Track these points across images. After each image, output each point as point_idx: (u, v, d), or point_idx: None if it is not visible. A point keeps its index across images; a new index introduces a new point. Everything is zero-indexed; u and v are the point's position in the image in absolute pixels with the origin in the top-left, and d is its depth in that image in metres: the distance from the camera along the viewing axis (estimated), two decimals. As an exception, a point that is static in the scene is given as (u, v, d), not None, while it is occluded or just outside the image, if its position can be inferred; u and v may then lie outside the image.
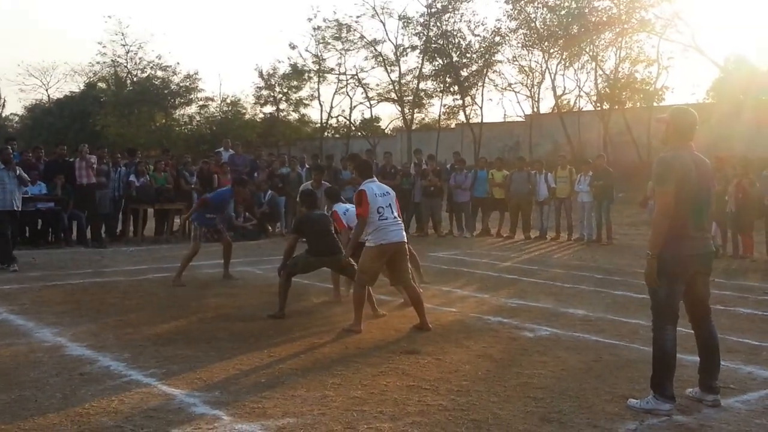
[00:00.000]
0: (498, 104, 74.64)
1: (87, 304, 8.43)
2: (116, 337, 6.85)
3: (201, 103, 40.83)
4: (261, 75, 38.99)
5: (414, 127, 37.54)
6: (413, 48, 35.46)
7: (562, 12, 30.72)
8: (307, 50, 37.46)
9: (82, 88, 44.75)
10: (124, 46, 38.12)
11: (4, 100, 51.95)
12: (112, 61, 39.31)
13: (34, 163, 14.91)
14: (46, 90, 51.85)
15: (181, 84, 39.82)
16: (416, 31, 34.92)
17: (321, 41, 36.67)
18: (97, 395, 5.12)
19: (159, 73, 39.58)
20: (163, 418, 4.70)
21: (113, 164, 15.91)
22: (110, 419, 4.66)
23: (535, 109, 36.44)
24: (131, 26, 42.55)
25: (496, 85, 35.89)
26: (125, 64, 39.83)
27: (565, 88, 37.10)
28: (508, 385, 5.44)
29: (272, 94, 39.49)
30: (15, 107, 70.51)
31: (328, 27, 36.02)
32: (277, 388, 5.36)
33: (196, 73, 39.40)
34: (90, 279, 10.36)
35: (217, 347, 6.51)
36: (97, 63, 40.09)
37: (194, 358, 6.13)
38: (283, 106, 39.82)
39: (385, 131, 40.83)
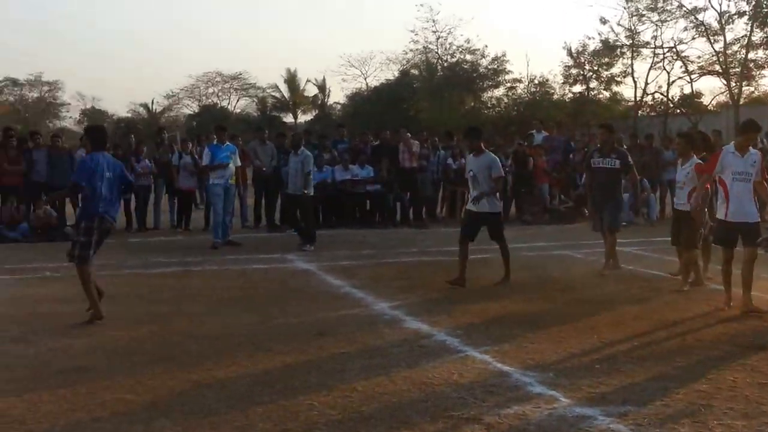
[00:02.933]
0: None
1: (417, 281, 8.93)
2: (448, 313, 7.16)
3: (509, 84, 41.03)
4: (570, 53, 38.09)
5: (742, 101, 34.19)
6: (740, 14, 32.22)
7: None
8: (619, 24, 35.78)
9: (396, 75, 47.38)
10: (434, 32, 39.50)
11: (329, 90, 56.78)
12: (423, 47, 40.94)
13: (361, 148, 16.17)
14: (365, 79, 55.65)
15: (489, 67, 40.34)
16: (745, -6, 31.69)
17: (634, 13, 34.80)
18: (437, 367, 5.41)
19: (468, 57, 40.46)
20: (502, 394, 4.82)
21: (432, 148, 16.64)
22: (452, 390, 4.89)
23: None
24: (441, 12, 43.75)
25: None
26: (436, 50, 41.28)
27: None
28: None
29: (582, 72, 38.41)
30: (338, 96, 77.05)
31: (643, -3, 34.04)
32: (614, 374, 5.22)
33: (504, 55, 39.55)
34: (417, 258, 10.97)
35: (545, 328, 6.52)
36: (410, 51, 42.00)
37: (524, 338, 6.20)
38: (593, 84, 38.54)
39: (708, 107, 37.75)
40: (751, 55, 32.80)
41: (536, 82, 40.61)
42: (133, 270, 9.78)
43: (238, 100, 58.54)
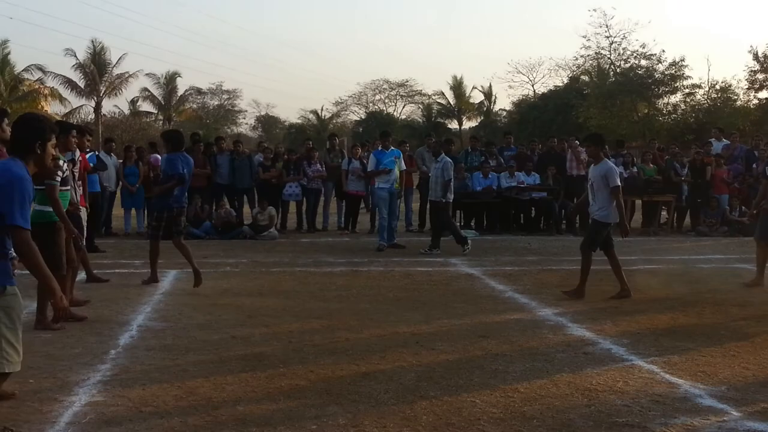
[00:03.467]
0: None
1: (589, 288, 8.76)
2: (614, 322, 7.03)
3: (687, 90, 39.07)
4: (756, 57, 35.76)
5: None
6: None
7: None
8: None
9: (565, 81, 46.52)
10: (608, 38, 38.37)
11: (495, 97, 56.69)
12: (595, 53, 39.86)
13: (528, 155, 16.09)
14: (532, 85, 55.12)
15: (665, 72, 38.59)
16: None
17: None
18: (602, 374, 5.35)
19: (643, 62, 38.95)
20: (669, 404, 4.71)
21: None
22: (617, 398, 4.83)
23: None
24: (615, 17, 42.40)
25: None
26: (608, 56, 40.05)
27: None
28: None
29: (768, 76, 35.95)
30: (503, 103, 76.73)
31: None
32: (792, 392, 4.95)
33: (683, 60, 37.68)
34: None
35: (718, 343, 6.26)
36: (581, 56, 41.04)
37: (695, 351, 5.99)
38: (781, 89, 35.99)
39: None
40: None
41: (717, 87, 38.47)
42: (304, 268, 10.32)
43: (404, 107, 59.82)
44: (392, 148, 12.95)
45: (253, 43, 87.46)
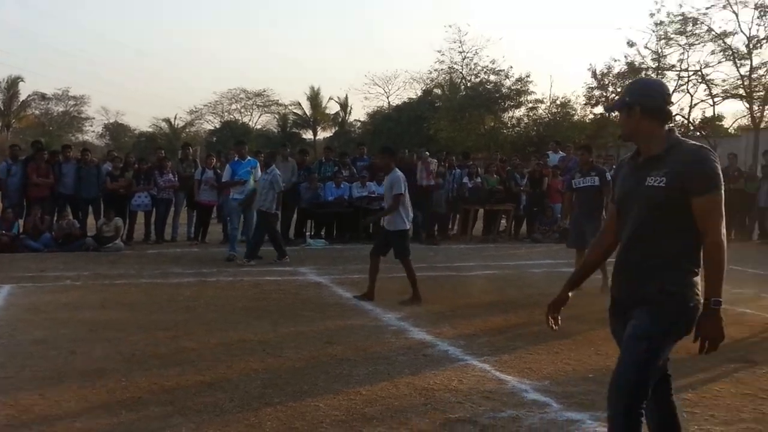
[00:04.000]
0: None
1: (424, 294, 9.14)
2: (451, 325, 7.43)
3: (530, 105, 41.21)
4: (594, 75, 38.28)
5: (763, 125, 34.20)
6: (769, 39, 32.29)
7: None
8: (646, 47, 35.94)
9: (419, 94, 47.85)
10: (461, 53, 39.83)
11: (351, 108, 57.40)
12: (448, 67, 41.28)
13: (380, 166, 16.50)
14: (387, 97, 56.23)
15: (512, 87, 40.51)
16: (775, 19, 31.74)
17: (662, 37, 34.96)
18: (439, 374, 5.68)
19: (492, 78, 40.69)
20: (498, 399, 5.08)
21: (448, 167, 16.95)
22: (452, 396, 5.16)
23: None
24: (469, 33, 44.10)
25: None
26: (460, 70, 41.57)
27: None
28: None
29: (604, 94, 38.58)
30: (359, 114, 77.83)
31: (672, 22, 34.15)
32: (605, 383, 5.42)
33: (528, 76, 39.71)
34: (425, 273, 11.16)
35: (544, 342, 6.76)
36: (435, 70, 42.40)
37: (523, 350, 6.46)
38: (614, 106, 38.73)
39: (729, 130, 37.77)
40: (777, 79, 32.85)
41: (558, 102, 40.81)
42: (150, 280, 10.13)
43: (260, 117, 59.33)
44: (249, 158, 12.95)
45: (104, 49, 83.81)
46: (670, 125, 3.36)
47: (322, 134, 56.49)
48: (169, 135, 53.90)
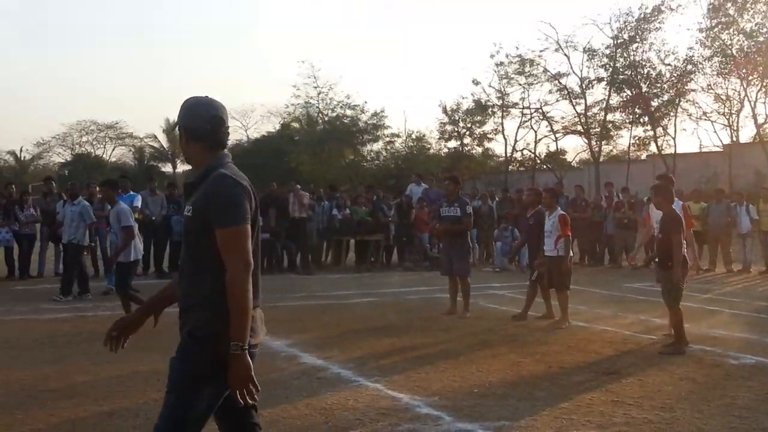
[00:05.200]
0: (693, 134, 70.41)
1: (309, 322, 9.45)
2: (341, 349, 7.72)
3: (387, 139, 42.35)
4: (445, 111, 40.02)
5: (602, 159, 37.00)
6: (599, 80, 35.13)
7: (761, 38, 29.33)
8: (490, 86, 38.02)
9: (277, 128, 48.04)
10: (315, 87, 40.34)
11: (210, 142, 56.69)
12: (305, 102, 41.66)
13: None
14: (245, 131, 56.05)
15: (368, 122, 41.50)
16: (602, 63, 34.59)
17: (504, 76, 37.15)
18: (334, 395, 5.96)
19: (348, 112, 41.52)
20: (393, 415, 5.42)
21: (317, 199, 17.30)
22: (350, 414, 5.45)
23: (734, 138, 34.65)
24: (322, 69, 44.74)
25: (690, 115, 34.59)
26: (317, 105, 42.02)
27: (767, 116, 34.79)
28: (711, 405, 5.67)
29: (456, 129, 40.37)
30: (218, 148, 76.99)
31: (511, 62, 36.44)
32: (490, 397, 5.93)
33: (383, 111, 40.88)
34: (306, 302, 11.47)
35: (430, 362, 7.19)
36: (292, 104, 42.67)
37: (411, 370, 6.85)
38: (467, 140, 40.60)
39: (572, 164, 40.51)
40: (609, 117, 35.74)
41: (413, 137, 42.25)
42: (23, 316, 9.78)
43: (113, 149, 57.42)
44: (131, 192, 12.79)
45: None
46: (224, 152, 3.13)
47: (182, 167, 55.33)
48: (16, 168, 51.14)
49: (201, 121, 3.08)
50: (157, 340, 8.00)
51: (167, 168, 55.06)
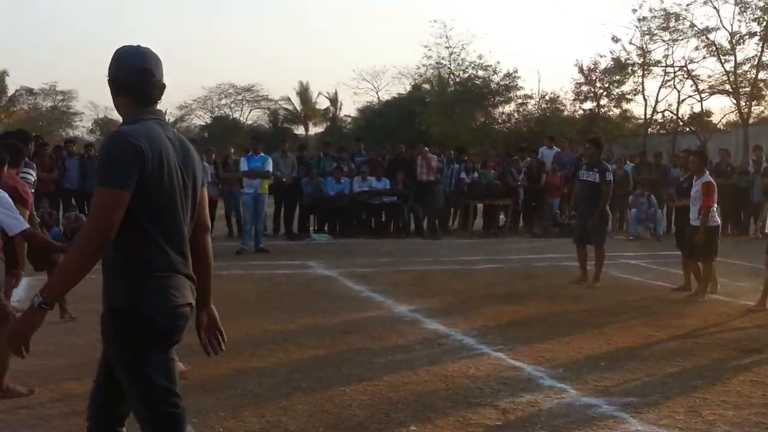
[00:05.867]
0: None
1: (433, 287, 9.43)
2: (464, 317, 7.66)
3: (520, 101, 41.43)
4: (581, 70, 38.58)
5: (751, 121, 34.63)
6: (752, 35, 32.71)
7: None
8: (631, 43, 36.28)
9: (408, 89, 47.97)
10: (447, 48, 39.90)
11: (341, 103, 57.53)
12: (436, 63, 41.33)
13: (379, 161, 16.74)
14: (377, 92, 56.35)
15: (500, 83, 40.72)
16: (755, 16, 32.19)
17: (646, 32, 35.30)
18: (455, 362, 5.91)
19: (480, 73, 40.88)
20: (515, 385, 5.32)
21: (446, 161, 17.18)
22: (470, 382, 5.39)
23: None
24: (455, 29, 44.17)
25: None
26: (448, 66, 41.65)
27: None
28: None
29: (593, 89, 38.89)
30: (349, 109, 78.09)
31: (655, 17, 34.51)
32: (617, 370, 5.71)
33: (516, 71, 39.95)
34: (431, 266, 11.47)
35: (556, 332, 7.00)
36: (423, 65, 42.45)
37: (536, 339, 6.69)
38: (604, 101, 39.02)
39: (718, 126, 38.20)
40: (762, 75, 33.28)
41: (547, 98, 41.05)
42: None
43: (250, 112, 59.31)
44: (261, 153, 13.21)
45: (90, 43, 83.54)
46: (151, 108, 2.84)
47: (314, 129, 56.60)
48: (161, 130, 53.81)
49: (126, 74, 2.79)
50: (283, 302, 8.31)
51: (300, 130, 56.39)
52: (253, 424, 4.50)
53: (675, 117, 37.42)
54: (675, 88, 36.39)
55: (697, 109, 37.29)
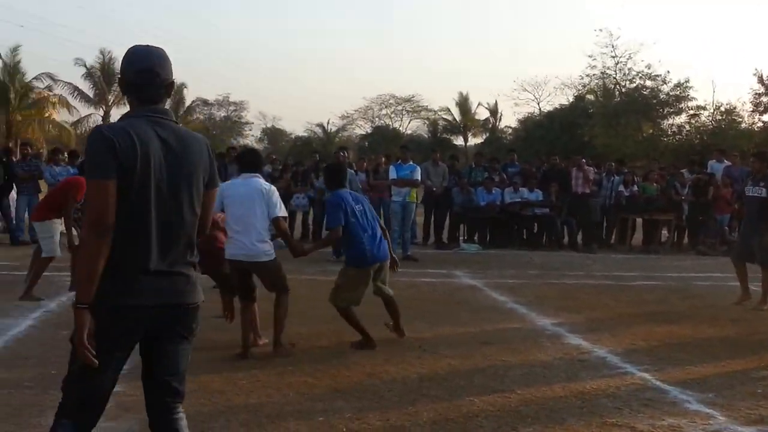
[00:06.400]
0: None
1: (581, 301, 9.07)
2: (611, 334, 7.28)
3: (691, 112, 39.31)
4: (760, 80, 36.02)
5: None
6: None
7: None
8: (819, 50, 33.40)
9: (570, 100, 46.83)
10: (613, 57, 38.56)
11: (501, 114, 57.06)
12: (601, 73, 40.10)
13: (533, 172, 16.39)
14: (538, 103, 55.49)
15: (670, 93, 38.87)
16: None
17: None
18: (595, 379, 5.63)
19: (648, 83, 39.23)
20: (658, 408, 4.98)
21: (606, 173, 16.53)
22: (609, 401, 5.11)
23: None
24: (621, 38, 42.63)
25: None
26: (614, 75, 40.29)
27: None
28: None
29: (773, 100, 36.20)
30: (509, 120, 77.41)
31: None
32: (776, 399, 5.21)
33: (687, 81, 37.92)
34: (583, 280, 11.04)
35: (711, 354, 6.51)
36: (587, 75, 41.28)
37: (688, 361, 6.26)
38: (786, 113, 36.22)
39: None
40: None
41: (722, 109, 38.68)
42: (312, 276, 10.56)
43: (409, 122, 60.14)
44: (410, 162, 13.36)
45: (260, 55, 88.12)
46: (151, 107, 2.83)
47: (473, 140, 56.47)
48: (323, 139, 55.78)
49: (130, 74, 2.83)
50: (424, 310, 8.27)
51: (459, 141, 56.48)
52: (377, 427, 4.49)
53: None
54: None
55: None
